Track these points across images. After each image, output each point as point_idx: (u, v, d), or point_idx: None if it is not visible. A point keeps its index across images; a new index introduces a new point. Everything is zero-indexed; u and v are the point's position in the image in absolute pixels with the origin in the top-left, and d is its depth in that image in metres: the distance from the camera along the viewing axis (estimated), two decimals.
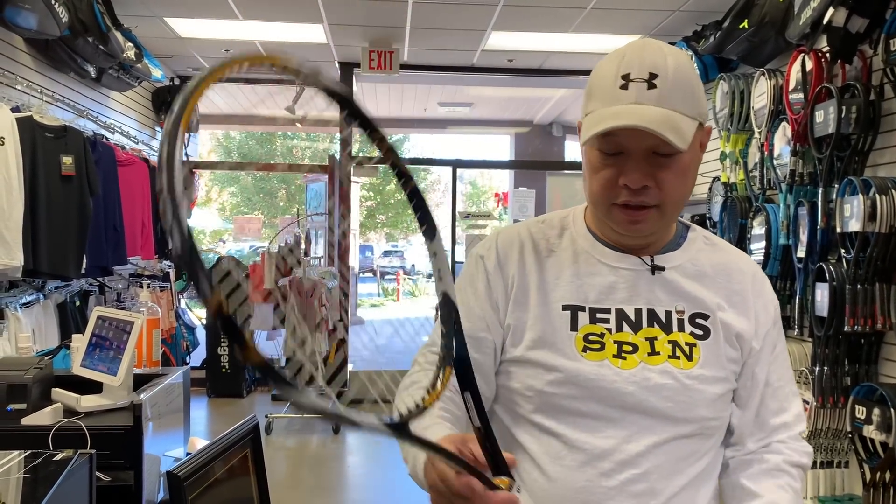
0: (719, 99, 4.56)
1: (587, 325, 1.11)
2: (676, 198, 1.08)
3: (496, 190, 20.64)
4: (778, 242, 3.89)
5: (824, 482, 3.63)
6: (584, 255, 1.15)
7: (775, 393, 1.16)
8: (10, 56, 4.06)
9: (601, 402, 1.08)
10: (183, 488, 1.64)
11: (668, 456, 1.07)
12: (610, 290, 1.12)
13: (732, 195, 4.47)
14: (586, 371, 1.09)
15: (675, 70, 1.01)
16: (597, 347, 1.10)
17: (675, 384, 1.08)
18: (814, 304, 3.50)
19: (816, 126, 3.53)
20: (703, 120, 1.08)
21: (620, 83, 1.02)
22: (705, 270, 1.15)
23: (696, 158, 1.10)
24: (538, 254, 1.17)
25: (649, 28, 5.29)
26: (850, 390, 3.34)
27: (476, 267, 1.20)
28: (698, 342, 1.11)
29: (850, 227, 3.26)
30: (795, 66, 3.75)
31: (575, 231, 1.19)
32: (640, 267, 1.13)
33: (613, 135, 1.02)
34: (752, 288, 1.16)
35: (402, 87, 8.10)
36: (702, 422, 1.10)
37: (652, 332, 1.10)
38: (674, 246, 1.17)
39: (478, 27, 5.47)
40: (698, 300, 1.13)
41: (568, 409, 1.10)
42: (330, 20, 5.35)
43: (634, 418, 1.08)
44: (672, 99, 1.01)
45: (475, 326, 1.15)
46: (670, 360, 1.09)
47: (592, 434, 1.08)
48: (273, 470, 1.76)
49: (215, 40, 5.95)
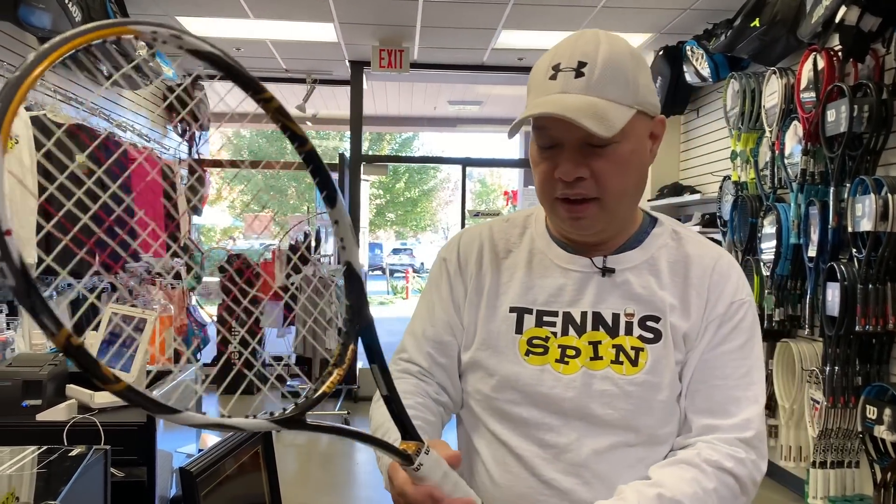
0: (730, 98, 4.55)
1: (532, 329, 1.08)
2: (617, 190, 1.02)
3: (506, 188, 20.64)
4: (788, 242, 3.88)
5: (835, 482, 3.62)
6: (538, 255, 1.13)
7: (708, 392, 1.05)
8: (23, 55, 4.09)
9: (541, 408, 1.06)
10: (195, 484, 1.66)
11: (611, 464, 1.02)
12: (559, 293, 1.09)
13: (743, 194, 4.45)
14: (525, 376, 1.06)
15: (606, 58, 0.99)
16: (540, 351, 1.07)
17: (616, 390, 1.04)
18: (825, 303, 3.48)
19: (828, 125, 3.52)
20: (647, 109, 1.03)
21: (550, 74, 1.01)
22: (662, 269, 1.09)
23: (640, 150, 1.04)
24: (496, 255, 1.15)
25: (660, 26, 5.28)
26: (861, 390, 3.33)
27: (440, 270, 1.19)
28: (646, 346, 1.05)
29: (862, 226, 3.25)
30: (807, 64, 3.73)
31: (535, 230, 1.16)
32: (589, 269, 1.09)
33: (545, 128, 1.01)
34: (709, 279, 1.08)
35: (412, 86, 8.11)
36: (647, 430, 1.04)
37: (596, 336, 1.06)
38: (633, 244, 1.11)
39: (488, 26, 5.47)
40: (650, 302, 1.07)
41: (510, 415, 1.08)
42: (340, 19, 5.36)
43: (576, 425, 1.05)
44: (600, 86, 0.98)
45: (439, 331, 1.15)
46: (612, 365, 1.05)
47: (534, 442, 1.06)
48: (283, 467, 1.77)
49: (226, 39, 5.97)
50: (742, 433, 1.03)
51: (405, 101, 9.05)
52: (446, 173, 25.22)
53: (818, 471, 3.61)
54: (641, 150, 1.05)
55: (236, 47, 6.22)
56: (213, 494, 1.74)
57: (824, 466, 3.61)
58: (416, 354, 1.15)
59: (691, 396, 1.07)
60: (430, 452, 0.85)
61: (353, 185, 6.88)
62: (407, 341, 1.18)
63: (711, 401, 1.05)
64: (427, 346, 1.15)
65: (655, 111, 1.06)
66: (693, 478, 0.99)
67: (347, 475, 4.82)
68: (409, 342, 1.17)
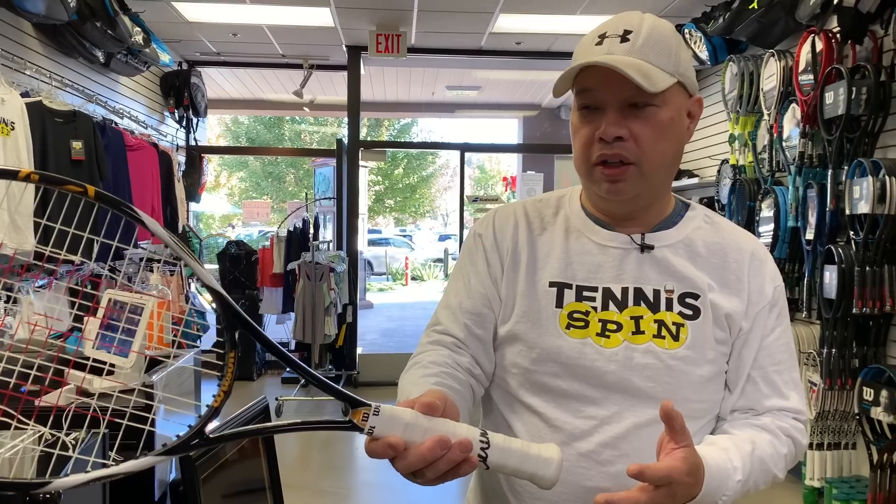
0: (728, 81, 4.54)
1: (573, 303, 1.10)
2: (655, 155, 1.06)
3: (504, 174, 20.60)
4: (786, 225, 3.88)
5: (832, 464, 3.64)
6: (575, 233, 1.15)
7: (768, 378, 1.11)
8: (18, 41, 4.07)
9: (582, 381, 1.08)
10: (195, 468, 1.67)
11: (650, 438, 1.01)
12: (598, 269, 1.12)
13: (741, 178, 4.45)
14: (567, 348, 1.08)
15: (650, 29, 1.04)
16: (580, 325, 1.09)
17: (658, 364, 1.07)
18: (822, 286, 3.49)
19: (826, 107, 3.51)
20: (688, 85, 1.07)
21: (596, 41, 1.05)
22: (699, 250, 1.13)
23: (678, 121, 1.08)
24: (531, 231, 1.18)
25: (658, 9, 5.25)
26: (858, 372, 3.35)
27: (475, 244, 1.21)
28: (686, 322, 1.08)
29: (860, 209, 3.25)
30: (805, 47, 3.72)
31: (570, 210, 1.19)
32: (629, 245, 1.12)
33: (589, 89, 1.05)
34: (748, 267, 1.13)
35: (409, 71, 8.08)
36: (686, 404, 1.05)
37: (638, 311, 1.09)
38: (668, 224, 1.15)
39: (486, 10, 5.44)
40: (689, 279, 1.10)
41: (550, 388, 1.09)
42: (337, 3, 5.33)
43: (616, 398, 1.07)
44: (644, 51, 1.02)
45: (476, 303, 1.16)
46: (654, 339, 1.08)
47: (573, 414, 1.08)
48: (283, 451, 1.78)
49: (223, 24, 5.94)
50: (799, 415, 1.12)
51: (403, 87, 9.02)
52: (445, 159, 25.15)
53: (815, 452, 3.63)
54: (679, 122, 1.08)
55: (232, 33, 6.19)
56: (213, 479, 1.75)
57: (821, 448, 3.64)
58: (452, 326, 1.16)
59: (752, 380, 1.11)
60: (379, 412, 0.83)
61: (352, 172, 6.87)
62: (441, 314, 1.19)
63: (772, 386, 1.11)
64: (464, 317, 1.16)
65: (694, 89, 1.10)
66: (770, 441, 1.06)
67: (347, 459, 4.85)
68: (443, 314, 1.18)
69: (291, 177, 22.66)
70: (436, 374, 1.07)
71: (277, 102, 9.56)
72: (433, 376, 1.06)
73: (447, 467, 0.84)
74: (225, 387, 0.84)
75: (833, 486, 3.53)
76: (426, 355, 1.13)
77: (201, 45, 6.58)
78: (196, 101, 6.67)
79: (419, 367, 1.10)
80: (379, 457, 0.84)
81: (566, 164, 7.14)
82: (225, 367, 0.83)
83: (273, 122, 21.43)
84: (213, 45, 6.59)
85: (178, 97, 6.53)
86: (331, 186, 8.51)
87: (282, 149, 20.02)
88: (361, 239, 9.93)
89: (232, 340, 0.84)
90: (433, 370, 1.08)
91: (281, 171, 22.51)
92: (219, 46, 6.67)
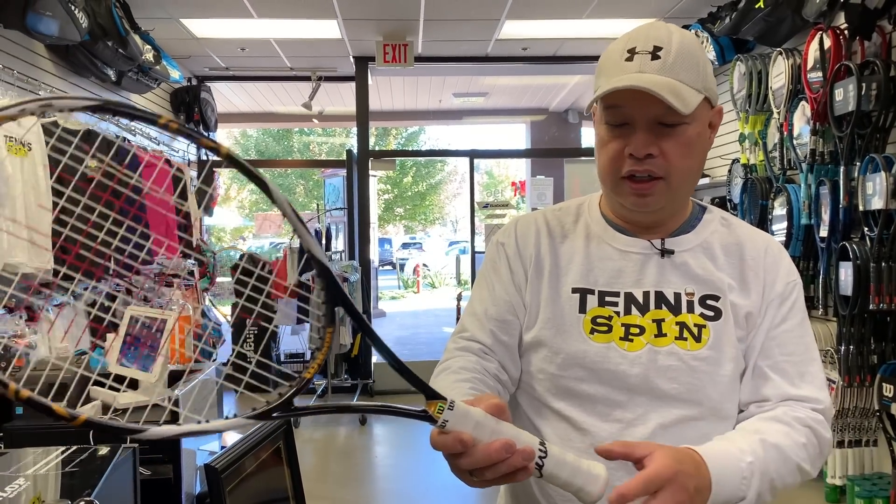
0: (737, 80, 4.54)
1: (595, 308, 1.13)
2: (683, 171, 1.08)
3: (513, 179, 20.60)
4: (800, 222, 3.87)
5: (853, 461, 3.62)
6: (595, 239, 1.18)
7: (778, 367, 1.10)
8: (32, 63, 4.13)
9: (607, 385, 1.10)
10: (220, 480, 1.68)
11: (676, 438, 1.03)
12: (619, 274, 1.14)
13: (752, 176, 4.45)
14: (592, 353, 1.10)
15: (679, 45, 1.05)
16: (604, 330, 1.11)
17: (681, 365, 1.09)
18: (838, 283, 3.48)
19: (836, 104, 3.50)
20: (711, 97, 1.09)
21: (626, 56, 1.06)
22: (717, 252, 1.15)
23: (704, 135, 1.10)
24: (553, 238, 1.20)
25: (663, 11, 5.26)
26: (877, 368, 3.33)
27: (497, 253, 1.23)
28: (708, 323, 1.10)
29: (873, 204, 3.24)
30: (813, 44, 3.72)
31: (589, 217, 1.21)
32: (649, 251, 1.14)
33: (618, 106, 1.06)
34: (763, 261, 1.15)
35: (416, 80, 8.11)
36: (710, 403, 1.09)
37: (659, 314, 1.11)
38: (687, 228, 1.17)
39: (491, 17, 5.46)
40: (709, 282, 1.12)
41: (576, 392, 1.12)
42: (344, 15, 5.37)
43: (641, 400, 1.09)
44: (675, 69, 1.03)
45: (501, 310, 1.18)
46: (677, 341, 1.10)
47: (600, 417, 1.10)
48: (302, 461, 1.80)
49: (231, 39, 6.00)
50: (816, 405, 1.09)
51: (410, 95, 9.06)
52: (453, 166, 25.19)
53: (836, 450, 3.61)
54: (704, 135, 1.11)
55: (241, 48, 6.24)
56: (238, 489, 1.77)
57: (842, 446, 3.62)
58: (479, 333, 1.18)
59: (760, 372, 1.11)
60: (454, 407, 0.84)
61: (362, 181, 6.90)
62: (467, 321, 1.21)
63: (784, 374, 1.10)
64: (490, 324, 1.18)
65: (716, 100, 1.12)
66: (786, 431, 1.04)
67: (366, 468, 4.86)
68: (469, 322, 1.20)
69: (301, 188, 22.76)
70: (468, 379, 1.09)
71: (286, 115, 9.61)
72: (467, 381, 1.08)
73: (507, 471, 0.85)
74: (319, 360, 0.84)
75: (855, 483, 3.51)
76: (455, 361, 1.15)
77: (210, 60, 6.63)
78: (206, 116, 6.73)
79: (450, 372, 1.12)
80: (448, 450, 0.85)
81: (576, 167, 7.14)
82: (322, 341, 0.84)
83: (282, 134, 21.54)
84: (222, 60, 6.65)
85: (189, 112, 6.58)
86: (341, 196, 8.55)
87: (292, 161, 20.11)
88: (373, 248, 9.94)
89: (331, 316, 0.85)
90: (465, 375, 1.10)
91: (291, 183, 22.61)
92: (227, 61, 6.73)
